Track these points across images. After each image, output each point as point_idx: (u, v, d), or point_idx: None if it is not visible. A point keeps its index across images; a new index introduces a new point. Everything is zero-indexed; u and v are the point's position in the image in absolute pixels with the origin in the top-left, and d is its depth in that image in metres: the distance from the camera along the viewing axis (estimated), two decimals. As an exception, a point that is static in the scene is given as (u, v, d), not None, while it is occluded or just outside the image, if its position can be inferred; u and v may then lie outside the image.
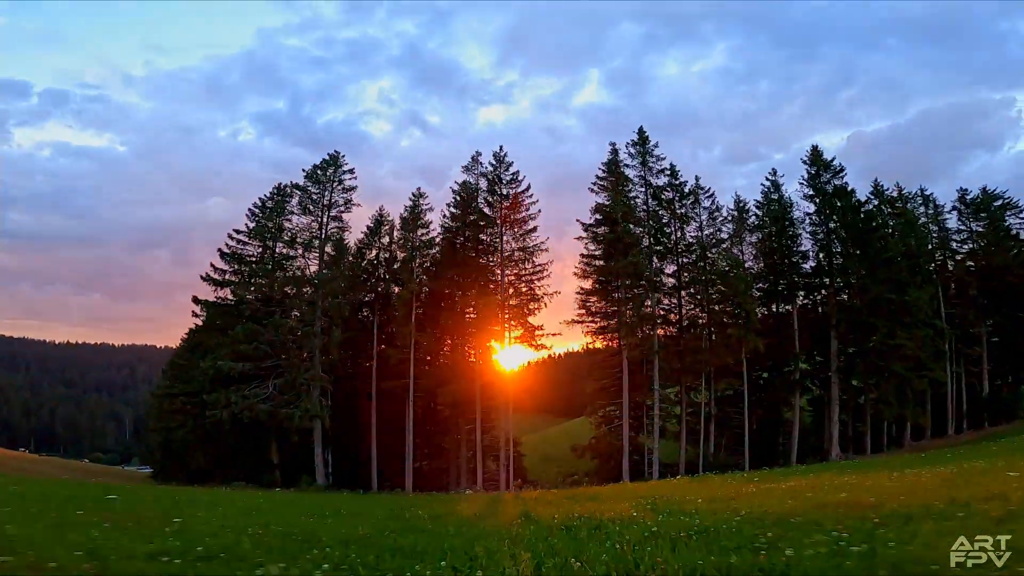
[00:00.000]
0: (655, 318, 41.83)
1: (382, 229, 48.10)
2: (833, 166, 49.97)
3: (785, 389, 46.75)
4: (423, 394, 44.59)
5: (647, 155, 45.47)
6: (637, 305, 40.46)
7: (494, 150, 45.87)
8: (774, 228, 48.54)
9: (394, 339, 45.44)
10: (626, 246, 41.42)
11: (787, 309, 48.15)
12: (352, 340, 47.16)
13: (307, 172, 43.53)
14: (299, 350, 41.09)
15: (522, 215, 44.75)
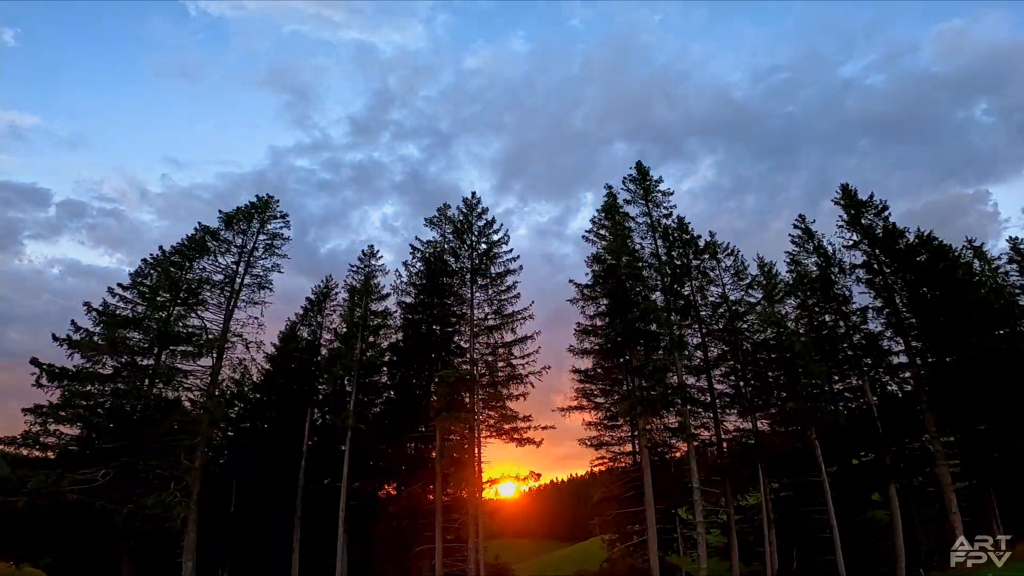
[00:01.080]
0: (685, 391, 29.87)
1: (326, 304, 37.72)
2: (874, 203, 40.11)
3: (868, 480, 33.41)
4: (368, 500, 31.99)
5: (650, 191, 35.75)
6: (657, 370, 28.54)
7: (465, 196, 36.39)
8: (817, 286, 37.69)
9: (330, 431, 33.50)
10: (634, 298, 30.60)
11: (853, 382, 36.02)
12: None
13: (224, 216, 33.65)
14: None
15: (498, 269, 34.44)
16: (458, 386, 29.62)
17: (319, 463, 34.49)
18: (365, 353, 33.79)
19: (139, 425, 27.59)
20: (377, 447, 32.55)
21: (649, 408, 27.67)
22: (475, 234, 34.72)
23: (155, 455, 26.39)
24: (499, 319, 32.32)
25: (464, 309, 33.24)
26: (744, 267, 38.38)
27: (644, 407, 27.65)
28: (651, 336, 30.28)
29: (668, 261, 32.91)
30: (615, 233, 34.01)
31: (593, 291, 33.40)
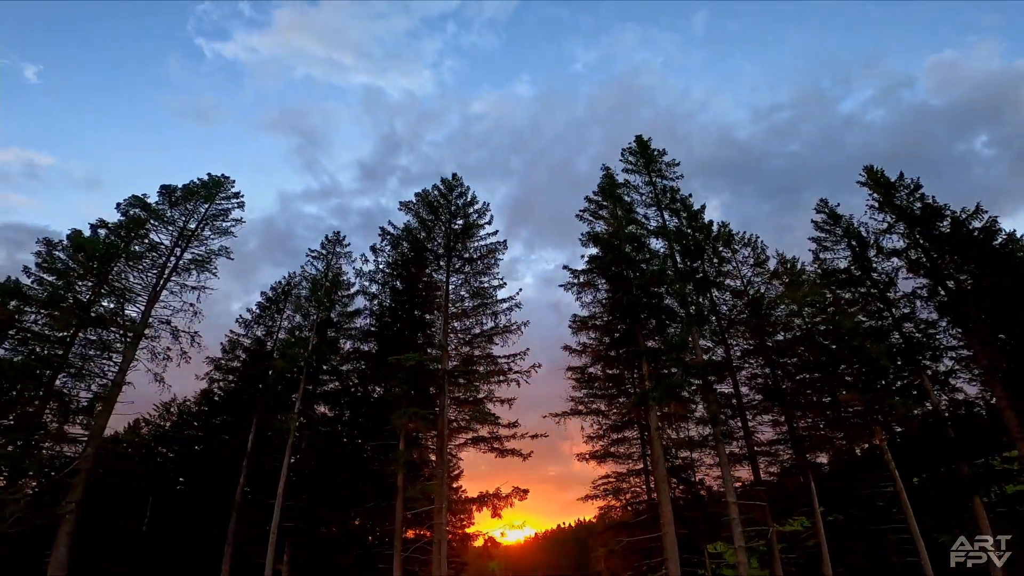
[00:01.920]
0: (707, 369, 22.66)
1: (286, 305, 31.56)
2: (905, 182, 34.36)
3: (952, 497, 25.42)
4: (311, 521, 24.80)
5: (653, 160, 30.16)
6: (673, 346, 21.69)
7: (445, 176, 30.78)
8: (854, 271, 31.27)
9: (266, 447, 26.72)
10: (640, 274, 24.39)
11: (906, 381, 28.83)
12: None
13: (164, 190, 28.05)
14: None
15: (478, 249, 28.43)
16: (424, 379, 23.20)
17: (263, 478, 27.60)
18: (320, 348, 27.58)
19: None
20: (331, 458, 25.75)
21: (665, 393, 20.74)
22: (451, 212, 29.05)
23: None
24: (476, 300, 26.02)
25: (438, 297, 27.23)
26: (764, 257, 32.42)
27: (658, 393, 20.74)
28: (662, 310, 23.94)
29: (678, 231, 26.89)
30: (615, 204, 28.27)
31: (590, 275, 27.29)
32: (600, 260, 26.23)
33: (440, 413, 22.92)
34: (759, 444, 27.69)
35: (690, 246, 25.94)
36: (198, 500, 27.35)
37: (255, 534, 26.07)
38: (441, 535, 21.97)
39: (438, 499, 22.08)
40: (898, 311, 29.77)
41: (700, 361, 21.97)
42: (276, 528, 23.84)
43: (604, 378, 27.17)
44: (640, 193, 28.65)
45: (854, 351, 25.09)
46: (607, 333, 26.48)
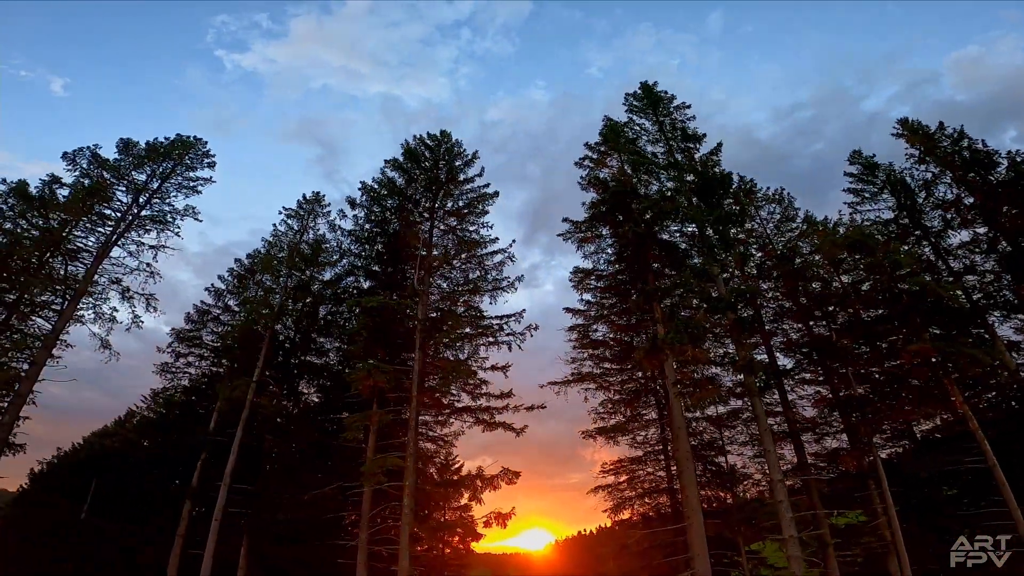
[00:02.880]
0: (736, 300, 16.93)
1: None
2: (947, 131, 28.99)
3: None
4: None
5: (660, 101, 25.65)
6: (696, 272, 16.61)
7: (432, 132, 26.70)
8: (901, 216, 25.93)
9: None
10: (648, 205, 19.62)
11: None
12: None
13: (122, 144, 24.50)
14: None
15: (463, 190, 23.72)
16: (394, 330, 18.67)
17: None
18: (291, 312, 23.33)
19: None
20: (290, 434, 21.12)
21: (681, 332, 15.54)
22: (434, 159, 24.70)
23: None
24: (462, 250, 21.50)
25: (421, 252, 22.84)
26: (793, 213, 27.40)
27: (673, 333, 15.63)
28: (676, 247, 19.14)
29: (691, 165, 22.16)
30: (618, 151, 23.76)
31: (591, 223, 22.61)
32: (601, 204, 21.61)
33: (412, 372, 18.26)
34: (801, 421, 22.22)
35: (707, 181, 21.14)
36: (150, 487, 22.93)
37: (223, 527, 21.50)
38: (408, 522, 17.04)
39: (407, 476, 17.21)
40: (956, 262, 24.33)
41: (727, 295, 16.83)
42: (220, 514, 19.22)
43: (612, 342, 22.13)
44: (646, 132, 24.05)
45: (916, 297, 19.84)
46: (613, 289, 21.66)
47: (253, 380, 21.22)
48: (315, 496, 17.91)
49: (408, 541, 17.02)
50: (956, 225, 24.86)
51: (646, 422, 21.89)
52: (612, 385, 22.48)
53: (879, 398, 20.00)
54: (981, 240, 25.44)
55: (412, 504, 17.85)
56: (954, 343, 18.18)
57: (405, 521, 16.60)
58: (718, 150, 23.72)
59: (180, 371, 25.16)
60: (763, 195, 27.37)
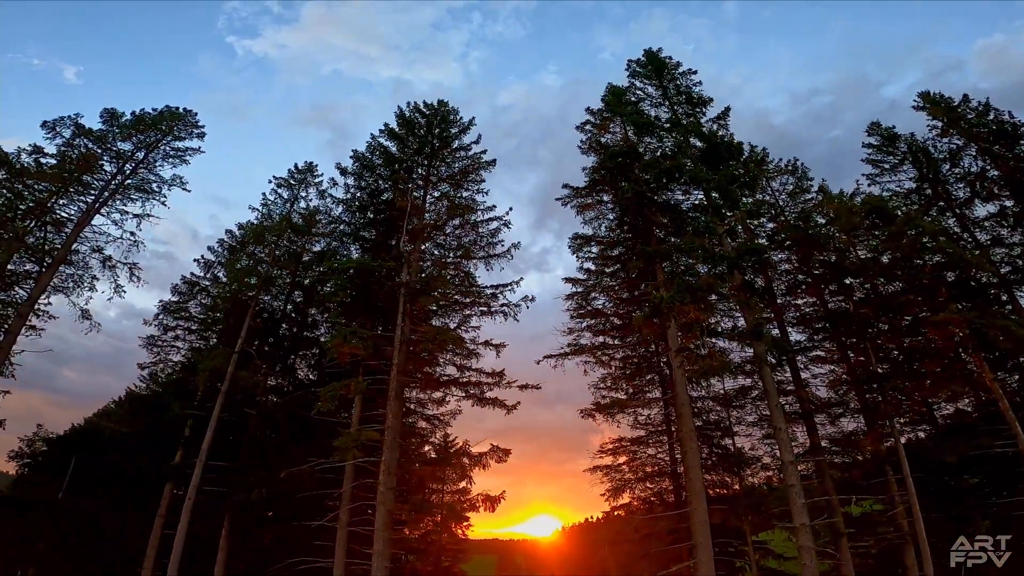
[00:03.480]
0: (742, 255, 14.75)
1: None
2: (971, 104, 26.60)
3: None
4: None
5: (665, 67, 23.70)
6: (699, 230, 14.73)
7: (429, 101, 24.97)
8: (924, 186, 23.79)
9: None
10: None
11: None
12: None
13: (108, 115, 23.17)
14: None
15: (458, 155, 21.96)
16: (375, 294, 17.11)
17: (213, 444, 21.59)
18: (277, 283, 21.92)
19: None
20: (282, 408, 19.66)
21: (682, 291, 13.78)
22: (427, 125, 23.01)
23: None
24: (455, 215, 19.79)
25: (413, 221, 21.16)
26: (808, 184, 25.36)
27: (673, 292, 13.87)
28: (679, 209, 17.31)
29: (696, 127, 20.25)
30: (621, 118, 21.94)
31: (591, 188, 20.86)
32: (602, 168, 19.83)
33: (395, 340, 16.65)
34: (814, 402, 20.29)
35: (714, 147, 19.21)
36: (132, 465, 21.70)
37: (198, 506, 20.21)
38: (384, 501, 15.47)
39: (384, 451, 15.64)
40: (983, 234, 22.19)
41: (734, 250, 14.96)
42: (194, 492, 17.87)
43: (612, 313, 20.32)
44: (649, 96, 22.13)
45: (941, 268, 17.87)
46: (613, 259, 19.89)
47: (235, 351, 19.82)
48: (291, 474, 16.42)
49: (386, 522, 15.44)
50: (983, 196, 22.75)
51: (648, 400, 20.04)
52: (613, 360, 20.71)
53: (901, 376, 18.03)
54: (1008, 213, 23.31)
55: (392, 483, 16.27)
56: (985, 314, 16.18)
57: (380, 500, 15.02)
58: (726, 114, 21.73)
59: (168, 345, 23.90)
60: (775, 167, 25.39)
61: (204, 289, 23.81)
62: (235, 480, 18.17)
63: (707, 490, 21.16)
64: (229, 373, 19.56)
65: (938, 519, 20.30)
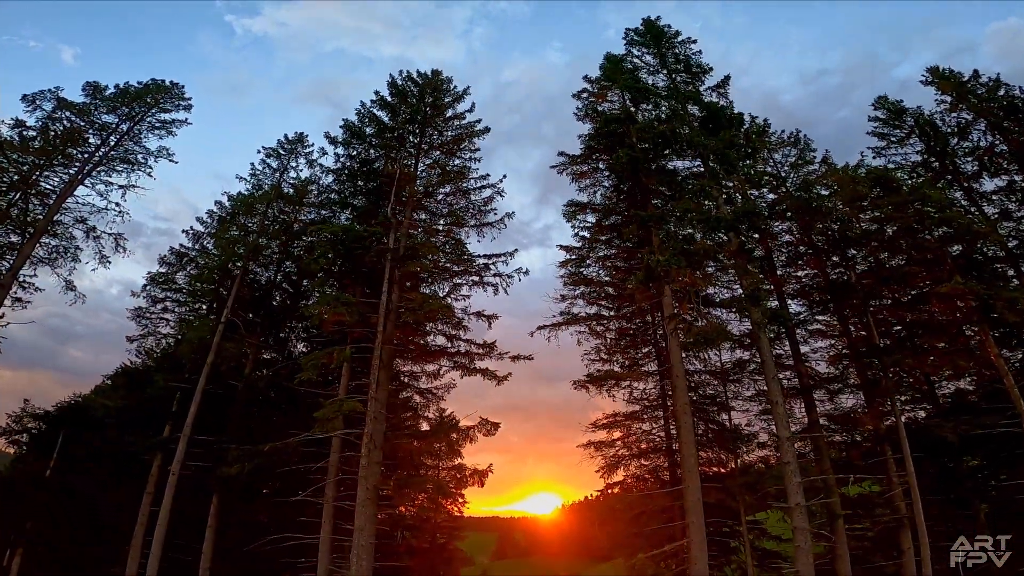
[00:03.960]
0: (739, 218, 14.19)
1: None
2: (982, 79, 25.45)
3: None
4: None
5: (663, 36, 22.61)
6: (694, 192, 13.89)
7: (423, 70, 23.91)
8: (931, 160, 22.78)
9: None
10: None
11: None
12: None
13: (91, 88, 22.36)
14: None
15: (451, 123, 21.11)
16: (362, 259, 16.33)
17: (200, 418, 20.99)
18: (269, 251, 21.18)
19: None
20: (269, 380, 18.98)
21: (682, 254, 12.99)
22: (419, 94, 22.10)
23: None
24: (447, 183, 18.89)
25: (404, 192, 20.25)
26: (811, 157, 24.34)
27: (666, 256, 12.95)
28: (675, 177, 16.43)
29: (695, 94, 19.25)
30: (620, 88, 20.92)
31: (587, 156, 19.92)
32: (597, 135, 18.91)
33: (380, 307, 15.89)
34: (814, 377, 19.53)
35: (713, 115, 18.24)
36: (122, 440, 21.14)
37: (186, 482, 19.69)
38: (373, 478, 14.83)
39: (367, 423, 14.97)
40: (991, 208, 21.24)
41: (731, 213, 14.10)
42: (178, 467, 17.32)
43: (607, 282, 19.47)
44: (647, 64, 21.11)
45: (946, 241, 16.99)
46: (608, 228, 19.04)
47: (221, 320, 19.15)
48: (275, 447, 15.80)
49: (370, 497, 14.83)
50: (992, 170, 21.78)
51: (643, 373, 19.29)
52: (607, 331, 19.91)
53: (903, 350, 17.23)
54: (1018, 188, 22.35)
55: (378, 456, 15.64)
56: (991, 285, 15.33)
57: (362, 474, 14.39)
58: (726, 83, 20.71)
59: (156, 317, 23.28)
60: (778, 138, 24.37)
61: (193, 260, 23.10)
62: (219, 455, 17.58)
63: (703, 468, 20.61)
64: (215, 344, 18.91)
65: (936, 502, 19.64)
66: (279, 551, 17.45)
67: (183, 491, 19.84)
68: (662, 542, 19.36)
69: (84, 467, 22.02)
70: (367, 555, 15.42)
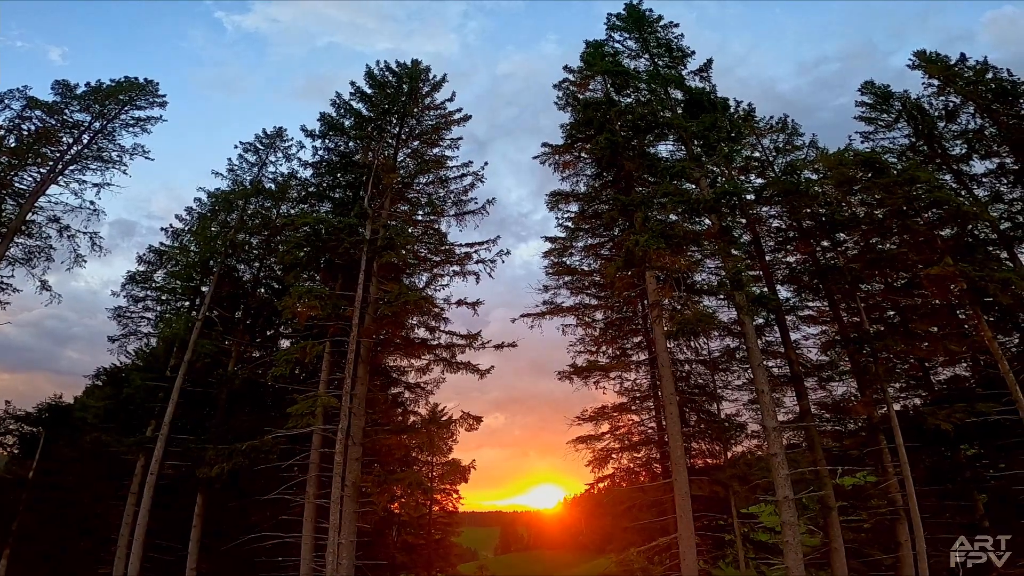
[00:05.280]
0: (720, 199, 13.69)
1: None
2: (969, 63, 24.69)
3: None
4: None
5: (645, 20, 21.87)
6: (674, 173, 13.09)
7: (403, 60, 23.15)
8: (919, 143, 22.05)
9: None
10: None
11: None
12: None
13: (61, 86, 21.53)
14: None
15: (428, 112, 20.47)
16: (336, 252, 15.57)
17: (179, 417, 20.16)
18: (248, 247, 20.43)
19: None
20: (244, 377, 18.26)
21: (662, 236, 12.13)
22: (396, 84, 21.40)
23: None
24: (422, 167, 18.11)
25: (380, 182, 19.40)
26: (798, 142, 23.56)
27: (646, 237, 12.20)
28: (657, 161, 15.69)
29: (678, 79, 18.49)
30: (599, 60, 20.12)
31: (570, 146, 19.17)
32: (578, 123, 18.16)
33: (355, 299, 15.12)
34: (805, 364, 18.80)
35: (696, 99, 17.49)
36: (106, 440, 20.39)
37: (170, 482, 18.98)
38: (351, 474, 14.10)
39: (343, 419, 14.21)
40: (981, 191, 20.53)
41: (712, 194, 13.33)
42: (156, 467, 16.60)
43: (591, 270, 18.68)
44: (628, 49, 20.35)
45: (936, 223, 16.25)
46: (592, 217, 18.29)
47: (198, 318, 18.41)
48: (252, 446, 15.07)
49: (348, 494, 14.12)
50: (981, 153, 21.06)
51: (630, 364, 18.53)
52: (595, 321, 19.15)
53: (895, 335, 16.50)
54: (1008, 170, 21.63)
55: (358, 452, 14.92)
56: (983, 266, 14.61)
57: (337, 471, 13.66)
58: (708, 67, 19.98)
59: (137, 316, 22.52)
60: (766, 124, 23.64)
61: (173, 258, 22.34)
62: (199, 454, 16.84)
63: (694, 460, 19.91)
64: (192, 341, 18.18)
65: (933, 492, 18.92)
66: (265, 550, 16.75)
67: (167, 490, 19.16)
68: (654, 535, 18.63)
69: (68, 468, 21.30)
70: (347, 553, 14.72)
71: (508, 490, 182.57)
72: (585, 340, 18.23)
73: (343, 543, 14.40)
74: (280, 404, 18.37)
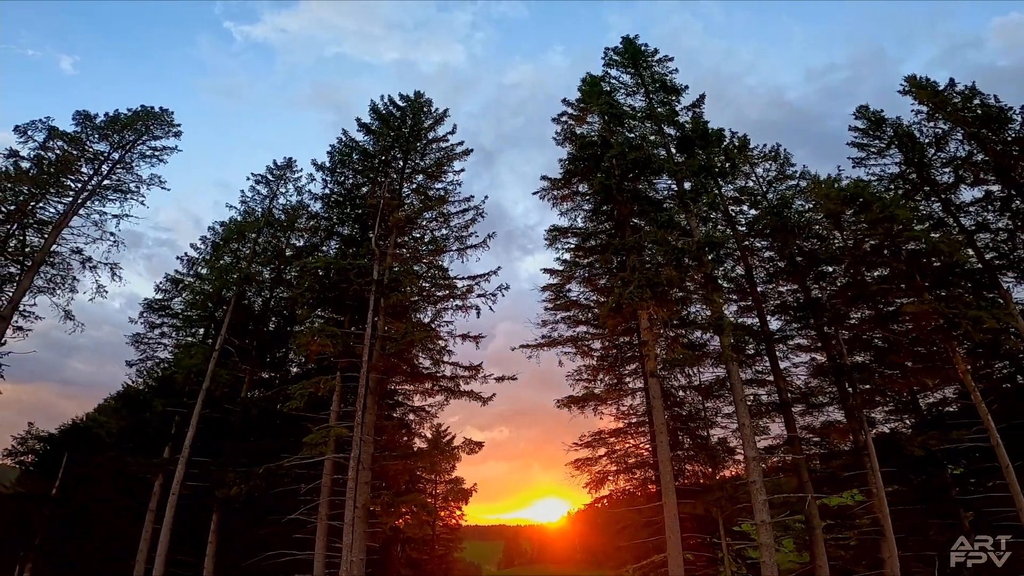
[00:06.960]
0: (703, 248, 15.11)
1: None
2: (958, 88, 25.88)
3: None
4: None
5: (641, 55, 23.23)
6: (662, 224, 14.54)
7: (405, 92, 24.86)
8: (908, 171, 23.43)
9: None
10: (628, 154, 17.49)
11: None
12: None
13: (81, 117, 23.30)
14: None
15: (431, 147, 22.00)
16: (346, 290, 17.12)
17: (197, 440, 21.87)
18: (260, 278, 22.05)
19: None
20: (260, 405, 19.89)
21: (648, 287, 13.63)
22: (401, 118, 22.96)
23: None
24: (427, 204, 19.69)
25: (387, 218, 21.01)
26: (792, 171, 24.94)
27: (637, 287, 13.56)
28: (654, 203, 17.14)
29: (670, 116, 19.95)
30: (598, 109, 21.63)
31: (568, 181, 20.63)
32: (576, 159, 19.65)
33: (365, 337, 16.72)
34: (793, 391, 20.22)
35: (688, 133, 18.92)
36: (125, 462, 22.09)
37: (187, 500, 20.62)
38: (362, 497, 15.67)
39: (355, 447, 15.80)
40: (968, 219, 21.82)
41: (701, 239, 14.83)
42: (178, 487, 18.22)
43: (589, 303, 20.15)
44: (624, 86, 21.85)
45: (917, 256, 17.59)
46: (590, 250, 19.76)
47: (215, 348, 20.05)
48: (269, 469, 16.68)
49: (361, 516, 15.69)
50: (968, 181, 22.37)
51: (625, 392, 20.02)
52: (593, 351, 20.64)
53: (878, 365, 17.91)
54: (995, 198, 22.95)
55: (367, 477, 16.49)
56: (956, 303, 15.96)
57: (350, 495, 15.23)
58: (700, 102, 21.48)
59: (154, 342, 24.23)
60: (759, 152, 25.07)
61: (188, 287, 24.04)
62: (218, 476, 18.49)
63: (688, 481, 21.34)
64: (209, 371, 19.82)
65: (919, 511, 20.29)
66: (277, 567, 18.35)
67: (184, 509, 20.82)
68: (649, 553, 20.08)
69: (89, 486, 23.00)
70: (358, 570, 16.29)
71: (512, 503, 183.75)
72: (583, 370, 19.71)
73: (354, 560, 15.96)
74: (293, 429, 20.00)
